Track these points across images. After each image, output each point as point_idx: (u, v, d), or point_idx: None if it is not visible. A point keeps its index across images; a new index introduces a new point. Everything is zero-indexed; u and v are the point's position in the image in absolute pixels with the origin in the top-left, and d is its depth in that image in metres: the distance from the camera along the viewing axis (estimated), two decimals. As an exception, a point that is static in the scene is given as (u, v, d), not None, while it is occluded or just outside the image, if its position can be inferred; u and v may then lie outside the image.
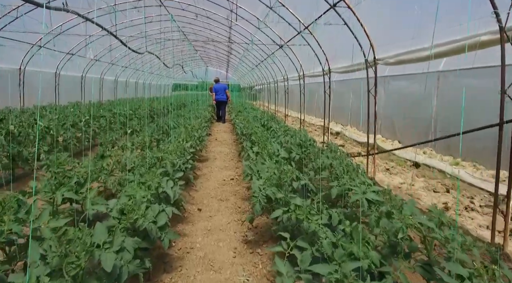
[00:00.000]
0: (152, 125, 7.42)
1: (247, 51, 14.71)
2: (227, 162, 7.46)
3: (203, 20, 13.58)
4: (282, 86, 16.01)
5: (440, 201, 5.02)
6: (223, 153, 8.34)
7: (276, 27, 9.97)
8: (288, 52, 10.36)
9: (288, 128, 7.36)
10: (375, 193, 2.93)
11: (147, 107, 12.28)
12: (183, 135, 6.23)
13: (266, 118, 9.84)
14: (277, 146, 5.39)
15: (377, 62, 5.72)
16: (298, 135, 6.13)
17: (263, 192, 3.28)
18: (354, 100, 12.38)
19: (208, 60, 27.53)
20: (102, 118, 8.56)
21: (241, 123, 8.72)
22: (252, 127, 7.87)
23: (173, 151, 4.69)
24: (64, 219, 2.80)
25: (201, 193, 5.31)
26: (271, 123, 9.00)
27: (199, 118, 9.64)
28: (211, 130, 12.49)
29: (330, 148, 4.82)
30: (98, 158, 4.61)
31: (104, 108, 11.79)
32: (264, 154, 4.82)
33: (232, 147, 9.17)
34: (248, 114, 11.70)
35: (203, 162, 7.41)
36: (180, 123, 8.87)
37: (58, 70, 14.19)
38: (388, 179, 6.29)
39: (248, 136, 6.91)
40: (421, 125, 8.86)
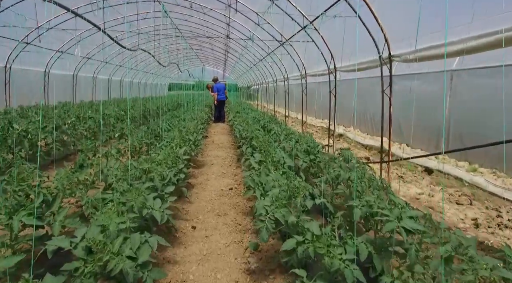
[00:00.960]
0: (143, 128, 6.78)
1: (245, 50, 14.08)
2: (225, 168, 6.83)
3: (199, 16, 12.93)
4: (281, 86, 15.40)
5: (467, 215, 4.43)
6: (221, 158, 7.71)
7: (277, 23, 9.35)
8: (290, 50, 9.74)
9: (291, 132, 6.74)
10: (413, 220, 2.32)
11: (140, 107, 11.61)
12: (176, 139, 5.59)
13: (266, 120, 9.21)
14: (281, 152, 4.77)
15: (393, 59, 5.12)
16: (303, 140, 5.51)
17: (271, 214, 2.66)
18: (358, 100, 11.77)
19: (205, 60, 26.87)
20: (90, 120, 7.90)
21: (240, 126, 8.09)
22: (252, 130, 7.25)
23: (164, 160, 4.05)
24: (18, 256, 2.17)
25: (196, 205, 4.68)
26: (271, 125, 8.38)
27: (195, 120, 9.00)
28: (208, 132, 11.85)
29: (343, 156, 4.20)
30: (77, 167, 3.97)
31: (94, 108, 11.12)
32: (268, 163, 4.20)
33: (230, 151, 8.54)
34: (247, 116, 11.08)
35: (199, 167, 6.77)
36: (174, 125, 8.23)
37: (47, 68, 13.49)
38: (403, 189, 5.69)
39: (249, 140, 6.28)
40: (432, 128, 8.28)
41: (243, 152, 6.53)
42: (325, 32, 7.31)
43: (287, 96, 12.37)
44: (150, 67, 22.86)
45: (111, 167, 3.91)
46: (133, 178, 3.37)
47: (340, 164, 3.99)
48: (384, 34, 5.06)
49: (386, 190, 3.12)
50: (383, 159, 5.60)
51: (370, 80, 11.03)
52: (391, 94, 5.28)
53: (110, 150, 4.51)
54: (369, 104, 11.25)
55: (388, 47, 5.10)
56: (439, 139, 7.99)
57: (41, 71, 13.22)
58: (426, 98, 8.52)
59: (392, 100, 10.36)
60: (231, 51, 17.41)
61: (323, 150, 6.24)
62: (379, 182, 3.20)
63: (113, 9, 11.85)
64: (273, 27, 9.48)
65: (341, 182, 3.28)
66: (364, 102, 11.51)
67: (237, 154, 8.15)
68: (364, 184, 3.03)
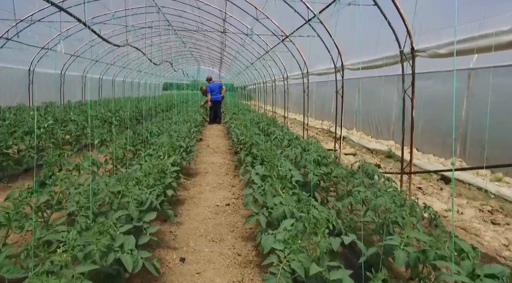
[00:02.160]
0: (129, 132, 5.98)
1: (242, 48, 13.30)
2: (221, 177, 6.05)
3: (194, 11, 12.13)
4: (279, 86, 14.66)
5: (510, 239, 3.70)
6: (216, 165, 6.93)
7: (277, 17, 8.59)
8: (291, 47, 8.99)
9: (295, 137, 5.98)
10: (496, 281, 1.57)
11: (129, 108, 10.79)
12: (165, 147, 4.81)
13: (265, 122, 8.45)
14: (287, 163, 4.01)
15: (417, 54, 4.38)
16: (311, 147, 4.76)
17: (285, 263, 1.90)
18: (362, 101, 11.04)
19: (200, 59, 26.05)
20: (71, 123, 7.08)
21: (237, 129, 7.32)
22: (251, 134, 6.48)
23: (146, 176, 3.27)
24: None
25: (186, 227, 3.90)
26: (271, 128, 7.62)
27: (188, 122, 8.21)
28: (203, 134, 11.06)
29: (364, 170, 3.45)
30: (37, 186, 3.17)
31: (81, 110, 10.28)
32: (273, 178, 3.43)
33: (227, 156, 7.76)
34: (244, 117, 10.30)
35: (192, 177, 5.99)
36: (165, 128, 7.44)
37: (32, 66, 12.60)
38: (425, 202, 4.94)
39: (248, 147, 5.52)
40: (446, 131, 7.56)
41: (241, 159, 5.77)
42: (331, 26, 6.56)
43: (287, 96, 11.62)
44: (143, 66, 21.99)
45: (79, 185, 3.12)
46: (103, 203, 2.59)
47: (362, 180, 3.24)
48: (407, 25, 4.32)
49: (435, 222, 2.37)
50: (403, 169, 4.85)
51: (375, 79, 10.32)
52: (413, 95, 4.54)
53: (82, 162, 3.71)
54: (373, 105, 10.55)
55: (410, 41, 4.36)
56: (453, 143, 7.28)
57: (24, 70, 12.34)
58: (438, 99, 7.82)
59: (397, 101, 9.68)
60: (227, 50, 16.62)
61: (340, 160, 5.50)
62: (424, 211, 2.45)
63: (100, 4, 11.04)
64: (273, 22, 8.72)
65: (372, 209, 2.54)
66: (368, 103, 10.80)
67: (234, 160, 7.38)
68: (404, 213, 2.28)
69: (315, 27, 6.93)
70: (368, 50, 5.89)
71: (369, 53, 6.08)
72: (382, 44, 5.27)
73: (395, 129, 9.38)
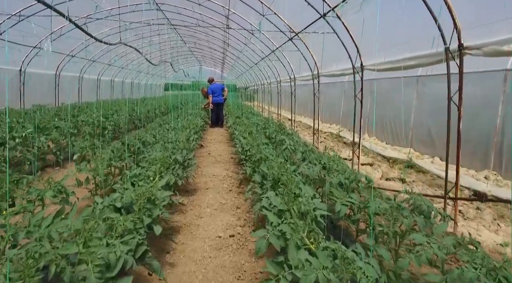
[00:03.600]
0: (116, 143, 5.12)
1: (246, 47, 12.44)
2: (224, 194, 5.20)
3: (195, 8, 11.28)
4: (284, 87, 13.79)
5: None
6: (218, 178, 6.07)
7: (286, 13, 7.73)
8: (300, 46, 8.13)
9: (310, 149, 5.11)
10: None
11: (125, 111, 9.94)
12: (156, 164, 3.95)
13: (272, 128, 7.59)
14: (308, 189, 3.16)
15: (466, 52, 3.50)
16: (333, 164, 3.90)
17: None
18: (376, 104, 10.15)
19: (202, 59, 25.21)
20: (55, 131, 6.24)
21: (242, 137, 6.47)
22: (258, 144, 5.63)
23: (128, 207, 2.42)
24: None
25: (179, 272, 3.05)
26: (280, 135, 6.76)
27: (187, 129, 7.36)
28: (204, 139, 10.21)
29: (416, 206, 2.57)
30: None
31: (73, 114, 9.45)
32: (293, 213, 2.58)
33: (230, 167, 6.91)
34: (249, 121, 9.44)
35: (190, 194, 5.14)
36: (161, 136, 6.59)
37: (23, 67, 11.79)
38: (472, 232, 4.07)
39: (255, 162, 4.66)
40: (477, 139, 6.66)
41: (247, 173, 4.93)
42: (350, 22, 5.69)
43: (294, 98, 10.76)
44: (142, 67, 21.17)
45: (36, 223, 2.27)
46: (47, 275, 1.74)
47: (414, 219, 2.38)
48: (454, 17, 3.45)
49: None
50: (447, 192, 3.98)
51: (390, 81, 9.45)
52: (460, 102, 3.65)
53: (45, 191, 2.84)
54: (389, 108, 9.67)
55: (458, 36, 3.49)
56: (487, 154, 6.40)
57: (14, 70, 11.51)
58: (468, 104, 6.91)
59: (416, 104, 8.78)
60: (230, 49, 15.76)
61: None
62: None
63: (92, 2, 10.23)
64: (281, 19, 7.86)
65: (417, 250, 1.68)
66: (383, 106, 9.93)
67: (238, 171, 6.53)
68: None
69: (330, 23, 6.06)
70: (393, 49, 5.03)
71: (394, 52, 5.21)
72: (415, 41, 4.40)
73: (414, 136, 8.50)
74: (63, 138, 7.06)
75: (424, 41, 3.96)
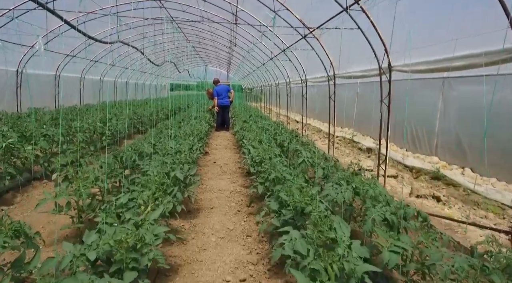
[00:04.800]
0: (108, 156, 4.36)
1: (253, 47, 11.65)
2: (231, 216, 4.43)
3: (200, 6, 10.53)
4: (293, 88, 12.98)
5: None
6: (225, 194, 5.30)
7: (300, 9, 6.94)
8: (315, 44, 7.33)
9: (333, 164, 4.30)
10: None
11: (127, 115, 9.21)
12: (150, 189, 3.19)
13: (285, 136, 6.79)
14: (344, 227, 2.38)
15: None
16: (370, 188, 3.11)
17: None
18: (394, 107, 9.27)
19: (207, 59, 24.47)
20: (43, 139, 5.51)
21: (251, 147, 5.69)
22: (270, 156, 4.86)
23: None
24: None
25: None
26: (294, 144, 5.98)
27: (191, 136, 6.60)
28: (209, 145, 9.46)
29: (508, 265, 1.79)
30: None
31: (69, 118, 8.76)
32: (331, 275, 1.80)
33: (238, 179, 6.14)
34: (257, 126, 8.66)
35: (192, 216, 4.38)
36: (162, 144, 5.84)
37: (20, 67, 11.12)
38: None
39: (269, 181, 3.89)
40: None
41: (258, 190, 4.16)
42: (375, 17, 4.89)
43: (305, 101, 9.97)
44: (147, 67, 20.49)
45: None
46: None
47: None
48: None
49: None
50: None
51: (411, 82, 8.60)
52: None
53: None
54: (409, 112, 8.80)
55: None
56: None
57: (11, 71, 10.85)
58: (508, 109, 6.06)
59: (441, 108, 7.92)
60: (237, 49, 14.98)
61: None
62: None
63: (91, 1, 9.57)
64: (294, 15, 7.06)
65: None
66: (402, 110, 9.06)
67: (247, 185, 5.77)
68: None
69: (350, 19, 5.26)
70: (435, 47, 4.23)
71: (436, 50, 4.41)
72: (467, 38, 3.60)
73: (440, 143, 7.65)
74: (56, 146, 6.36)
75: (485, 38, 3.16)
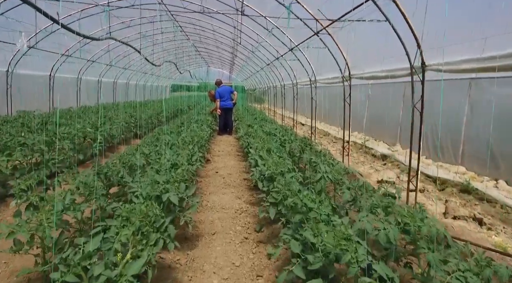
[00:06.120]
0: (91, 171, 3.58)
1: (259, 45, 10.86)
2: (238, 244, 3.63)
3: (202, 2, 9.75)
4: (300, 90, 12.18)
5: None
6: (229, 213, 4.51)
7: (311, 2, 6.15)
8: (328, 42, 6.54)
9: (362, 184, 3.51)
10: None
11: (122, 118, 8.43)
12: (132, 225, 2.42)
13: (296, 144, 6.00)
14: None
15: None
16: (423, 224, 2.32)
17: None
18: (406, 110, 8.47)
19: (209, 59, 23.70)
20: (19, 150, 4.74)
21: (258, 157, 4.90)
22: (283, 171, 4.08)
23: None
24: None
25: None
26: (308, 154, 5.18)
27: (190, 144, 5.81)
28: (211, 151, 8.68)
29: None
30: None
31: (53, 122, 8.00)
32: None
33: (243, 194, 5.35)
34: (263, 131, 7.87)
35: (189, 246, 3.60)
36: (156, 154, 5.06)
37: (10, 67, 10.38)
38: None
39: (288, 209, 3.11)
40: None
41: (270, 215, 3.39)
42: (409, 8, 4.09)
43: (315, 103, 9.19)
44: (147, 68, 19.73)
45: None
46: None
47: None
48: None
49: None
50: None
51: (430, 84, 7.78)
52: None
53: None
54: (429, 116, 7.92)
55: None
56: None
57: (1, 71, 10.11)
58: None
59: (467, 113, 7.10)
60: (240, 49, 14.19)
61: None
62: None
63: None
64: (305, 9, 6.27)
65: None
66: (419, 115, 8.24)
67: (254, 201, 4.98)
68: None
69: (377, 11, 4.45)
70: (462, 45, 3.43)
71: (481, 46, 3.61)
72: None
73: (467, 151, 6.84)
74: (40, 155, 5.59)
75: None
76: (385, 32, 4.75)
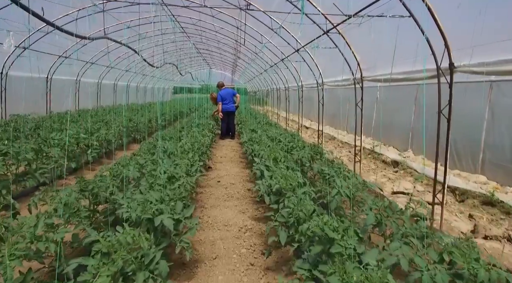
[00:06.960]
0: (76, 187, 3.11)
1: (263, 47, 10.38)
2: (242, 273, 3.13)
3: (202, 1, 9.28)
4: (304, 92, 11.69)
5: None
6: (232, 232, 4.01)
7: None
8: (338, 41, 6.05)
9: (387, 204, 2.99)
10: None
11: (120, 123, 7.95)
12: (113, 263, 1.92)
13: (304, 152, 5.50)
14: None
15: None
16: (475, 263, 1.81)
17: None
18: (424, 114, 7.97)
19: (211, 61, 23.25)
20: (1, 161, 4.27)
21: (264, 168, 4.41)
22: (293, 185, 3.59)
23: None
24: None
25: None
26: (318, 165, 4.69)
27: (190, 152, 5.32)
28: (212, 156, 8.19)
29: None
30: None
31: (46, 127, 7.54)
32: None
33: (248, 207, 4.85)
34: (268, 136, 7.38)
35: (186, 275, 3.10)
36: (153, 163, 4.58)
37: (4, 69, 9.95)
38: None
39: (305, 237, 2.61)
40: None
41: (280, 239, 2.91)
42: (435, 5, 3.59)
43: (322, 107, 8.71)
44: (148, 70, 19.28)
45: None
46: None
47: None
48: None
49: None
50: None
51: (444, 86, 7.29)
52: None
53: None
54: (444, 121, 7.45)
55: None
56: None
57: (-6, 74, 9.68)
58: None
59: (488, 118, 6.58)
60: (243, 51, 13.72)
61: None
62: None
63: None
64: (313, 5, 5.78)
65: None
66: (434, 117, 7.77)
67: (260, 216, 4.49)
68: None
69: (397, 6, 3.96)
70: None
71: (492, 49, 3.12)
72: None
73: (488, 159, 6.32)
74: (27, 165, 5.13)
75: None
76: (405, 30, 4.26)
